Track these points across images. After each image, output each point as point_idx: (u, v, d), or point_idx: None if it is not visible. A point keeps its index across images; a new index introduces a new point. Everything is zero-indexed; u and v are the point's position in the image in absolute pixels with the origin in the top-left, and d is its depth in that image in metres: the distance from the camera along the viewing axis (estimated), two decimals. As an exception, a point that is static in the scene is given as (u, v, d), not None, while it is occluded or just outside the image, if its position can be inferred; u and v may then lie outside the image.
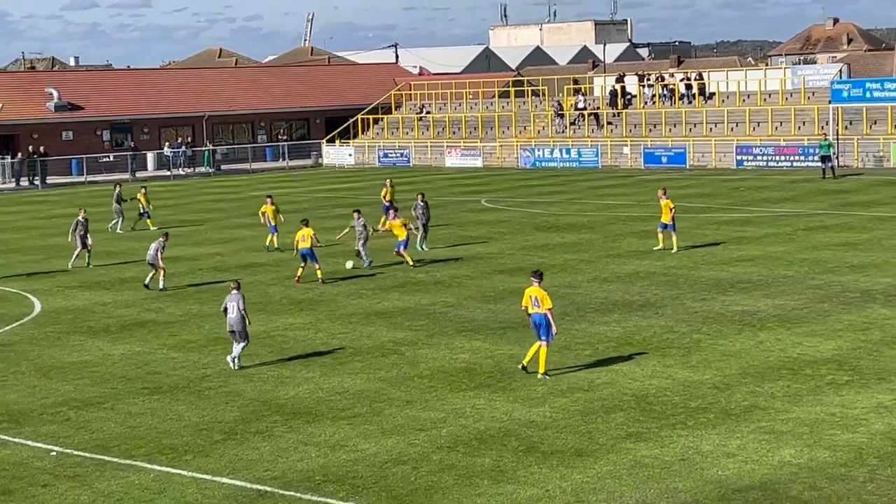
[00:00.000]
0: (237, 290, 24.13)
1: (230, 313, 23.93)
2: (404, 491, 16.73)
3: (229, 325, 24.05)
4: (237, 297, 23.96)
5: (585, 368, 23.14)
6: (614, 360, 23.65)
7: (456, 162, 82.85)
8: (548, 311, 22.29)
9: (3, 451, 19.14)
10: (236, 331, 23.97)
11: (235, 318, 23.87)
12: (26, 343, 27.44)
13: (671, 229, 37.50)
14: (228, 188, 71.08)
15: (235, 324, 23.90)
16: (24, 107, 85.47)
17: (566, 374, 22.77)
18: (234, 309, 23.87)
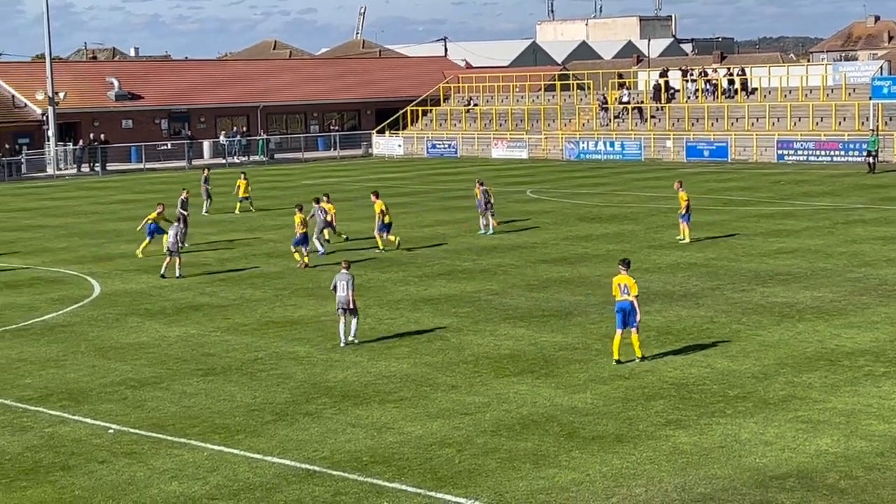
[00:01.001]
0: (347, 270, 25.05)
1: (340, 292, 24.78)
2: (448, 473, 17.21)
3: (339, 302, 24.88)
4: (347, 277, 24.84)
5: (626, 357, 23.56)
6: (655, 349, 24.07)
7: (502, 153, 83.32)
8: (634, 299, 22.81)
9: (63, 428, 19.78)
10: (346, 308, 24.82)
11: (345, 296, 24.71)
12: (86, 324, 28.19)
13: (685, 220, 38.35)
14: (281, 176, 71.89)
15: (345, 302, 24.74)
16: (85, 95, 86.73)
17: (608, 361, 23.20)
18: (344, 288, 24.72)
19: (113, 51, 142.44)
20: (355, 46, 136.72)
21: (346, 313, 25.05)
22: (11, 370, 23.78)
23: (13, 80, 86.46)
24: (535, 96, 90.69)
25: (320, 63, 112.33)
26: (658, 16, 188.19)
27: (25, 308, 30.31)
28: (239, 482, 17.04)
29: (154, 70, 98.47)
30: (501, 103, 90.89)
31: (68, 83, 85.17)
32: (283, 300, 30.60)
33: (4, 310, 30.15)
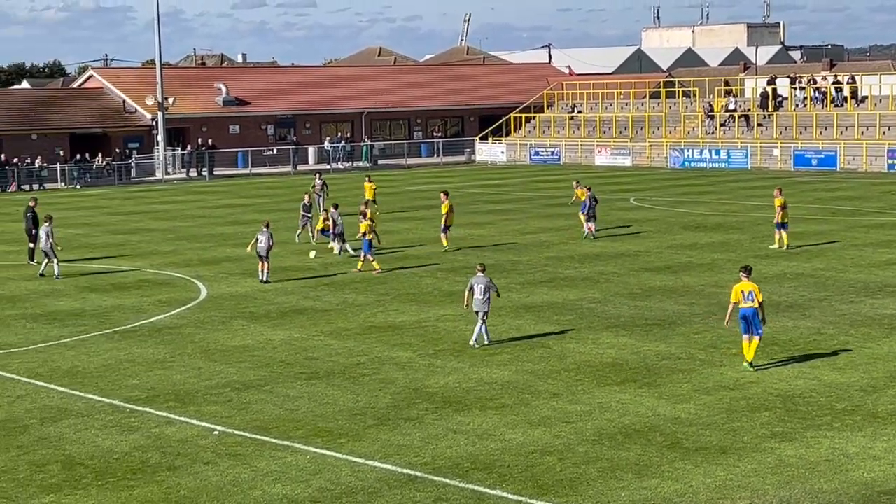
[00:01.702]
0: (483, 273, 25.60)
1: (476, 295, 25.25)
2: (550, 481, 17.16)
3: (474, 304, 25.33)
4: (485, 280, 25.36)
5: (731, 367, 23.32)
6: (760, 360, 23.76)
7: (605, 161, 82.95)
8: (759, 305, 22.85)
9: (170, 429, 20.10)
10: (480, 311, 25.29)
11: (482, 299, 25.21)
12: (192, 326, 28.62)
13: (779, 227, 38.71)
14: (385, 182, 72.24)
15: (481, 305, 25.25)
16: (194, 101, 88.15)
17: (712, 372, 22.98)
18: (480, 291, 25.22)
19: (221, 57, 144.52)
20: (459, 53, 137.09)
21: (479, 314, 25.55)
22: (120, 371, 24.22)
23: (124, 86, 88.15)
24: (639, 103, 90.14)
25: (424, 69, 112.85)
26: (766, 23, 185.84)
27: (134, 310, 30.86)
28: (341, 486, 17.15)
29: (261, 76, 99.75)
30: (605, 110, 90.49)
31: (177, 89, 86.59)
32: (385, 305, 30.76)
33: (113, 311, 30.73)
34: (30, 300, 32.56)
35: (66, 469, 18.08)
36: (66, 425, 20.35)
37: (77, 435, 19.78)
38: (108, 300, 32.32)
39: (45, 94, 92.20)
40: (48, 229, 36.42)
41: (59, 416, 20.90)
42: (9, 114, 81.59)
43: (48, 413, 21.15)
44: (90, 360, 25.16)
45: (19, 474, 17.89)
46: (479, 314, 25.54)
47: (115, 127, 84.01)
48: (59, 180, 75.58)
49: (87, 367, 24.62)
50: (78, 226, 50.58)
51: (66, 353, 25.98)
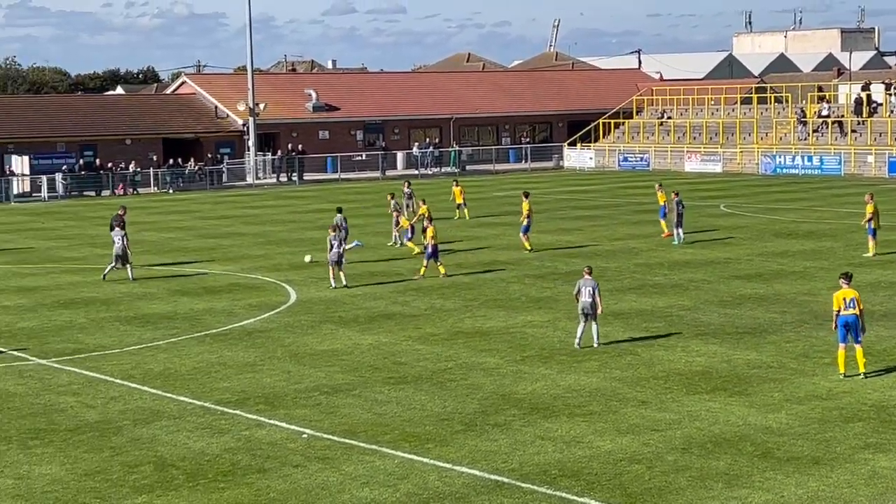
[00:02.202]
0: (590, 275, 25.93)
1: (583, 297, 25.71)
2: (638, 490, 17.05)
3: (582, 307, 25.74)
4: (592, 283, 25.72)
5: (823, 376, 23.00)
6: (852, 369, 23.38)
7: (695, 167, 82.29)
8: (860, 312, 22.69)
9: (260, 432, 20.29)
10: (588, 314, 25.71)
11: (588, 302, 25.65)
12: (282, 330, 28.87)
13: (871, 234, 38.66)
14: (473, 188, 72.29)
15: (588, 307, 25.65)
16: (284, 107, 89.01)
17: (804, 381, 22.68)
18: (587, 294, 25.65)
19: (311, 63, 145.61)
20: (548, 59, 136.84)
21: (588, 318, 25.82)
22: (211, 373, 24.51)
23: (216, 92, 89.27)
24: (730, 109, 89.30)
25: (513, 75, 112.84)
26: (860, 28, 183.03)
27: (225, 313, 31.21)
28: (429, 491, 17.19)
29: (350, 82, 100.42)
30: (695, 116, 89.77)
31: (268, 94, 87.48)
32: (472, 311, 30.78)
33: (204, 315, 31.10)
34: (123, 303, 33.08)
35: (158, 470, 18.33)
36: (159, 427, 20.64)
37: (169, 436, 20.05)
38: (199, 304, 32.73)
39: (138, 100, 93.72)
40: (122, 234, 36.88)
41: (152, 418, 21.21)
42: (104, 119, 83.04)
43: (141, 414, 21.47)
44: (182, 363, 25.49)
45: (112, 475, 18.17)
46: (587, 316, 25.90)
47: (207, 132, 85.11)
48: (152, 185, 76.73)
49: (179, 369, 24.95)
50: (170, 230, 51.29)
51: (158, 355, 26.36)
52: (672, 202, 42.83)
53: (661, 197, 45.70)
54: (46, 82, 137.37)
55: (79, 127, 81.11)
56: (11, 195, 71.27)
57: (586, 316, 25.93)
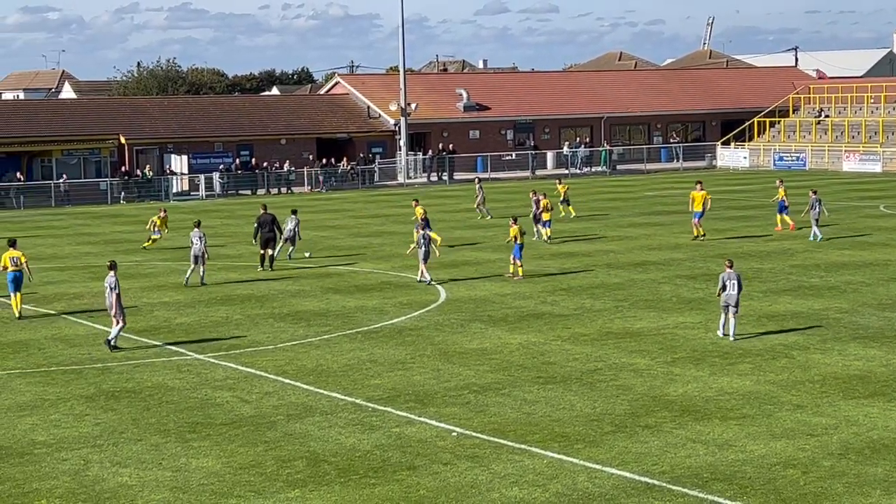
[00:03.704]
0: (732, 268, 26.66)
1: (729, 290, 26.33)
2: (793, 495, 16.74)
3: (725, 300, 26.43)
4: (735, 275, 26.47)
5: None
6: None
7: (854, 166, 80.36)
8: None
9: (410, 429, 20.47)
10: (730, 305, 26.39)
11: (732, 294, 26.32)
12: (432, 329, 29.06)
13: None
14: (623, 187, 71.92)
15: (731, 298, 26.33)
16: (436, 106, 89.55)
17: (967, 388, 22.01)
18: (733, 286, 26.29)
19: (462, 63, 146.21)
20: (701, 57, 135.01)
21: (729, 310, 26.40)
22: (362, 370, 24.79)
23: (368, 92, 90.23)
24: (890, 108, 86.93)
25: (665, 74, 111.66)
26: None
27: (376, 311, 31.54)
28: (578, 491, 17.12)
29: (501, 81, 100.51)
30: (854, 114, 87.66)
31: (420, 94, 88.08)
32: (622, 311, 30.56)
33: (356, 312, 31.47)
34: (277, 300, 33.67)
35: (310, 465, 18.61)
36: (311, 422, 20.95)
37: (321, 432, 20.34)
38: (351, 301, 33.13)
39: (293, 100, 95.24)
40: (200, 234, 36.32)
41: (305, 413, 21.54)
42: (260, 119, 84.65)
43: (294, 410, 21.83)
44: (334, 360, 25.84)
45: (266, 469, 18.51)
46: (728, 307, 26.39)
47: (360, 132, 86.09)
48: (305, 184, 77.94)
49: (331, 366, 25.30)
50: (323, 228, 52.03)
51: (311, 351, 26.77)
52: (811, 200, 43.26)
53: (781, 192, 46.57)
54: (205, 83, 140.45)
55: (235, 127, 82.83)
56: (171, 193, 73.13)
57: (727, 307, 26.43)
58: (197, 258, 36.35)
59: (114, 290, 27.16)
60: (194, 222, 37.81)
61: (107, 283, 27.43)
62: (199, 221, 38.05)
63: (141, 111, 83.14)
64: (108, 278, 27.41)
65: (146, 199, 71.43)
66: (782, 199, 46.36)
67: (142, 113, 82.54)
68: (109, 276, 27.44)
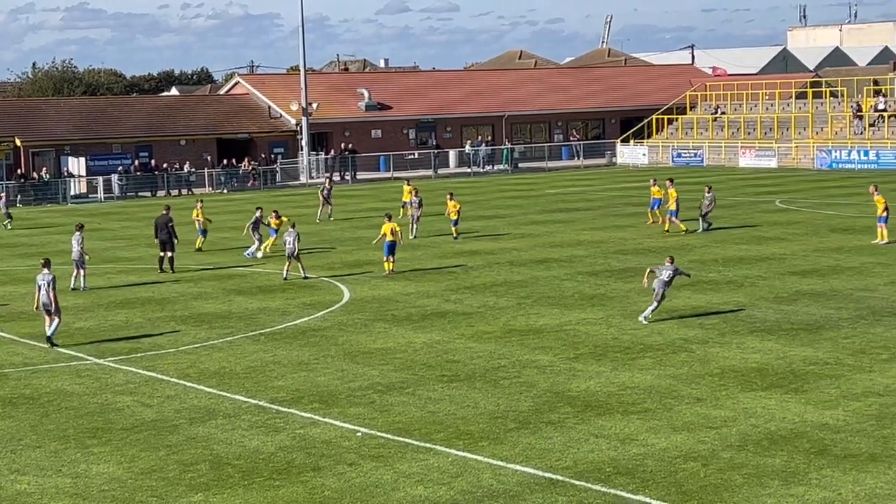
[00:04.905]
0: (672, 264, 28.30)
1: (661, 276, 28.00)
2: (693, 487, 16.97)
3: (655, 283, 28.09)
4: (671, 268, 28.07)
5: (881, 373, 22.77)
6: (912, 367, 23.18)
7: (750, 162, 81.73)
8: None
9: (314, 430, 20.37)
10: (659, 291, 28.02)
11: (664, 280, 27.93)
12: (336, 329, 28.97)
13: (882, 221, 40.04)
14: (525, 185, 72.32)
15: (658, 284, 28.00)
16: (337, 106, 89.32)
17: (861, 377, 22.47)
18: (661, 273, 28.05)
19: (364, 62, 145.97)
20: (600, 55, 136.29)
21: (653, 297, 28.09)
22: (265, 372, 24.65)
23: (269, 92, 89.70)
24: (785, 104, 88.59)
25: (565, 72, 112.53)
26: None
27: (279, 312, 31.37)
28: (482, 489, 17.20)
29: (402, 81, 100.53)
30: (750, 111, 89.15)
31: (321, 94, 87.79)
32: (525, 309, 30.75)
33: (259, 314, 31.27)
34: (178, 302, 33.34)
35: (213, 468, 18.46)
36: (214, 425, 20.79)
37: (224, 435, 20.19)
38: (253, 303, 32.92)
39: (193, 101, 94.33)
40: (79, 238, 35.73)
41: (207, 417, 21.36)
42: (159, 120, 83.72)
43: (196, 413, 21.63)
44: (237, 362, 25.66)
45: (168, 473, 18.32)
46: (655, 293, 27.93)
47: (261, 132, 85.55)
48: (206, 185, 77.25)
49: (234, 368, 25.11)
50: (224, 230, 51.55)
51: (213, 354, 26.55)
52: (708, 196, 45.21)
53: (655, 191, 48.09)
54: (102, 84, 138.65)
55: (134, 128, 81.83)
56: (69, 196, 72.02)
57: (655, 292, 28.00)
58: (76, 263, 35.74)
59: (51, 286, 27.09)
60: (76, 225, 37.14)
61: (42, 281, 27.14)
62: (80, 225, 37.17)
63: (37, 113, 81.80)
64: (44, 276, 27.16)
65: (43, 203, 70.29)
66: (658, 198, 47.69)
67: (37, 115, 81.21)
68: (44, 273, 27.22)
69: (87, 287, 35.63)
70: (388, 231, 36.54)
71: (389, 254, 36.64)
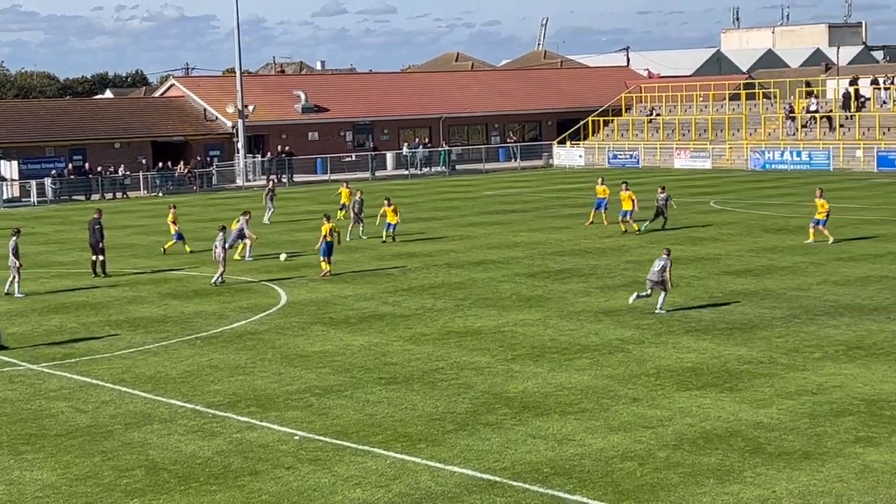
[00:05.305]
0: (668, 256, 29.21)
1: (654, 267, 29.05)
2: (630, 486, 17.08)
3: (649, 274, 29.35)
4: (665, 259, 29.01)
5: (814, 371, 23.05)
6: (844, 364, 23.48)
7: (685, 163, 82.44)
8: None
9: (251, 434, 20.27)
10: (651, 281, 29.25)
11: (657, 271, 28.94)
12: (273, 332, 28.84)
13: (822, 224, 40.42)
14: (463, 187, 72.43)
15: (653, 275, 29.08)
16: (274, 108, 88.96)
17: (795, 376, 22.72)
18: (659, 266, 28.95)
19: (300, 64, 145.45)
20: (537, 57, 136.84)
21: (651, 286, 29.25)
22: (202, 376, 24.49)
23: (205, 94, 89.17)
24: (719, 105, 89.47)
25: (502, 74, 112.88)
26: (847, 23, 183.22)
27: (215, 316, 31.18)
28: (421, 491, 17.20)
29: (339, 83, 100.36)
30: (684, 113, 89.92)
31: (257, 96, 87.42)
32: (463, 310, 30.79)
33: (195, 318, 31.08)
34: (113, 307, 33.04)
35: (149, 474, 18.31)
36: (150, 430, 20.62)
37: (160, 440, 20.03)
38: (189, 307, 32.70)
39: (127, 104, 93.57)
40: (13, 243, 35.29)
41: (143, 422, 21.19)
42: (93, 123, 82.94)
43: (132, 418, 21.45)
44: (173, 366, 25.47)
45: (104, 479, 18.15)
46: (648, 283, 29.23)
47: (196, 135, 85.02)
48: (141, 188, 76.63)
49: (170, 372, 24.93)
50: (160, 233, 51.16)
51: (149, 359, 26.34)
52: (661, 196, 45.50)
53: (601, 191, 48.52)
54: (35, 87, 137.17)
55: (68, 131, 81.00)
56: (1, 200, 71.13)
57: (650, 283, 29.23)
58: (11, 267, 35.35)
59: None
60: (12, 230, 36.71)
61: None
62: (17, 230, 36.70)
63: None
64: None
65: (-25, 207, 69.38)
66: (603, 197, 48.09)
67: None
68: None
69: (21, 293, 35.20)
70: (326, 231, 36.47)
71: (327, 255, 36.55)
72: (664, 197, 45.72)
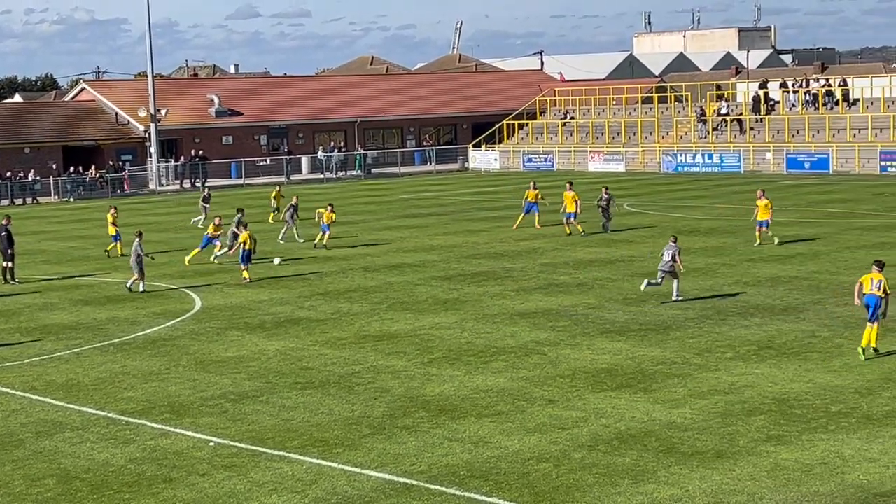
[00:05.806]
0: (675, 242, 30.59)
1: (665, 258, 30.34)
2: (546, 488, 17.17)
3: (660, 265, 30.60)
4: (674, 248, 30.32)
5: (726, 371, 23.35)
6: (755, 364, 23.80)
7: (599, 166, 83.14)
8: (884, 294, 24.07)
9: (165, 441, 20.08)
10: (661, 271, 30.55)
11: (668, 261, 30.23)
12: (187, 338, 28.58)
13: (764, 225, 40.87)
14: (378, 191, 72.39)
15: (665, 266, 30.33)
16: (187, 112, 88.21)
17: (707, 376, 23.00)
18: (669, 255, 30.24)
19: (213, 68, 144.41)
20: (451, 61, 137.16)
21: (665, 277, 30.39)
22: (115, 383, 24.20)
23: (116, 98, 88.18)
24: (631, 109, 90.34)
25: (416, 78, 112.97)
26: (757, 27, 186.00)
27: (128, 322, 30.84)
28: (337, 495, 17.15)
29: (253, 86, 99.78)
30: (598, 116, 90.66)
31: (170, 100, 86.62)
32: (379, 314, 30.76)
33: (107, 324, 30.71)
34: (24, 314, 32.55)
35: (61, 483, 18.06)
36: (62, 439, 20.34)
37: (72, 448, 19.76)
38: (102, 313, 32.31)
39: (37, 108, 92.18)
40: None
41: (55, 430, 20.89)
42: (1, 127, 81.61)
43: (43, 427, 21.14)
44: (85, 374, 25.14)
45: (15, 489, 17.87)
46: (659, 273, 30.51)
47: (108, 139, 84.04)
48: (52, 193, 75.56)
49: (82, 380, 24.60)
50: (72, 239, 50.57)
51: (60, 366, 25.97)
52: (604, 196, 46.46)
53: (531, 195, 48.69)
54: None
55: (-25, 136, 79.60)
56: None
57: (659, 272, 30.49)
58: None
59: None
60: None
61: None
62: None
63: None
64: None
65: None
66: (533, 201, 48.14)
67: None
68: None
69: None
70: (245, 239, 36.34)
71: (246, 262, 36.37)
72: (606, 198, 46.06)
